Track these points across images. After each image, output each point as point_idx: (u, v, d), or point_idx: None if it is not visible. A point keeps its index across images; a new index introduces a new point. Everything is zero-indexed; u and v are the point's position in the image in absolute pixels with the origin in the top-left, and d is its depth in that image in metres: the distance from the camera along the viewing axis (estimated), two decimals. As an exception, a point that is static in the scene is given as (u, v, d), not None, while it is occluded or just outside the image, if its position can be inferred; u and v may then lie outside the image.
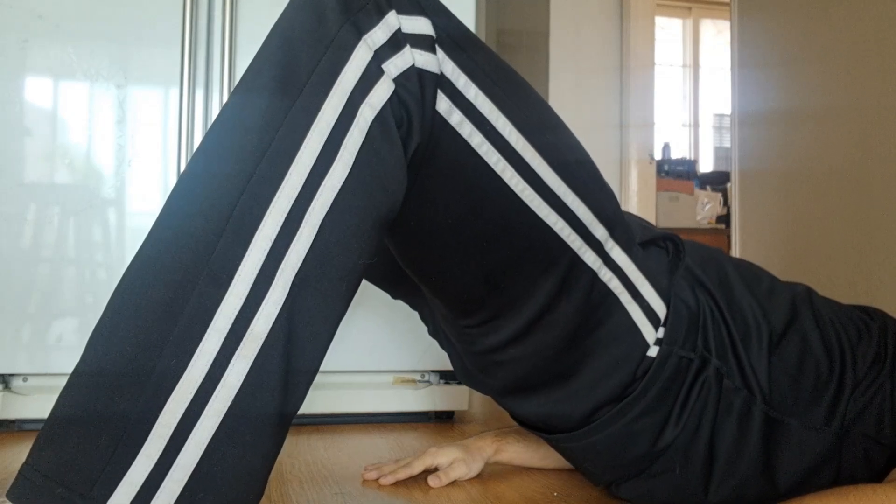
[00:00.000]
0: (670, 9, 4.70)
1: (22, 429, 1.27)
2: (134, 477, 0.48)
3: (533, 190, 0.66)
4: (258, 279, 0.51)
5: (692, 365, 0.74)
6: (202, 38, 1.34)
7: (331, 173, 0.53)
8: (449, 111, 0.60)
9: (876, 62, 1.54)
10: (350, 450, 1.17)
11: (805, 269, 1.75)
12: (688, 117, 4.81)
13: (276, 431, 0.53)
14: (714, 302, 0.78)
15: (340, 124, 0.54)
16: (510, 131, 0.64)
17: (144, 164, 1.32)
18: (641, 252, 0.75)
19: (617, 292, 0.73)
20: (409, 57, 0.57)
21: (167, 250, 0.52)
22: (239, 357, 0.50)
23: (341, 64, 0.54)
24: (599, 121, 2.58)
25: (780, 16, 1.91)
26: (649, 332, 0.74)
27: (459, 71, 0.61)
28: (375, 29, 0.56)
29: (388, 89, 0.56)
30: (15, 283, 1.26)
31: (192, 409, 0.49)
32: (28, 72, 1.28)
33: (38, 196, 1.28)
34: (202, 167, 0.55)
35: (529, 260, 0.68)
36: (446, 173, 0.62)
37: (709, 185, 3.96)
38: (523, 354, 0.74)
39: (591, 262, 0.70)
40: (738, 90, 2.12)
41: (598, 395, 0.75)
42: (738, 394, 0.75)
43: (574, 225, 0.69)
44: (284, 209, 0.52)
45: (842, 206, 1.63)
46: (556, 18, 2.54)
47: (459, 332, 0.77)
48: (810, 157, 1.76)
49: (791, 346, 0.77)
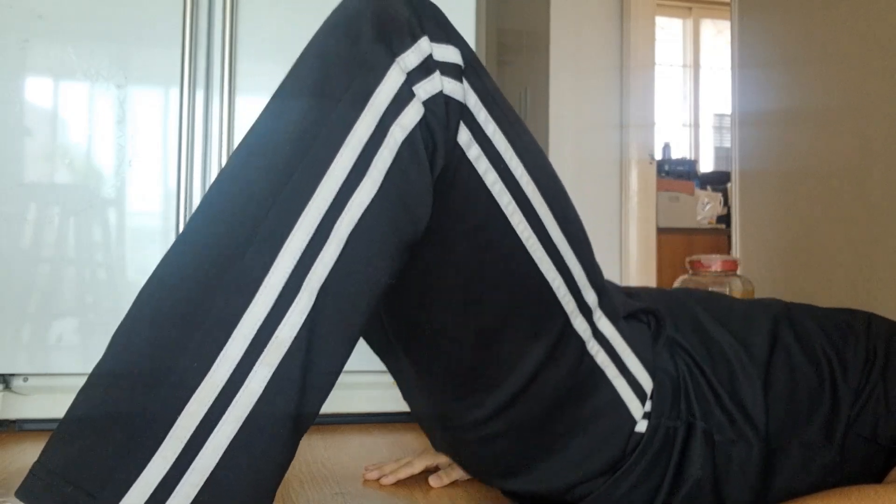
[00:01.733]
0: (670, 9, 4.70)
1: (22, 429, 1.27)
2: (148, 478, 0.48)
3: (537, 239, 0.65)
4: (285, 288, 0.51)
5: (678, 433, 0.73)
6: (202, 38, 1.34)
7: (360, 190, 0.54)
8: (469, 144, 0.60)
9: (876, 62, 1.54)
10: (350, 450, 1.17)
11: (805, 269, 1.75)
12: (688, 117, 4.81)
13: (291, 441, 0.53)
14: (693, 360, 0.76)
15: (372, 143, 0.54)
16: (521, 174, 0.64)
17: (144, 164, 1.32)
18: (626, 325, 0.74)
19: (603, 366, 0.71)
20: (438, 83, 0.57)
21: (196, 254, 0.52)
22: (262, 364, 0.50)
23: (375, 84, 0.55)
24: (599, 121, 2.58)
25: (780, 16, 1.91)
26: (636, 408, 0.72)
27: (481, 105, 0.61)
28: (408, 52, 0.56)
29: (418, 112, 0.56)
30: (15, 283, 1.26)
31: (212, 412, 0.49)
32: (28, 72, 1.28)
33: (38, 196, 1.28)
34: (235, 175, 0.55)
35: (524, 320, 0.67)
36: (458, 208, 0.62)
37: (709, 185, 3.96)
38: (502, 430, 0.72)
39: (581, 330, 0.69)
40: (738, 90, 2.12)
41: (586, 471, 0.73)
42: (734, 445, 0.73)
43: (570, 285, 0.68)
44: (314, 221, 0.52)
45: (842, 206, 1.63)
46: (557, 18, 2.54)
47: (440, 409, 0.75)
48: (810, 157, 1.76)
49: (779, 368, 0.76)
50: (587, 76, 2.57)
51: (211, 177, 1.36)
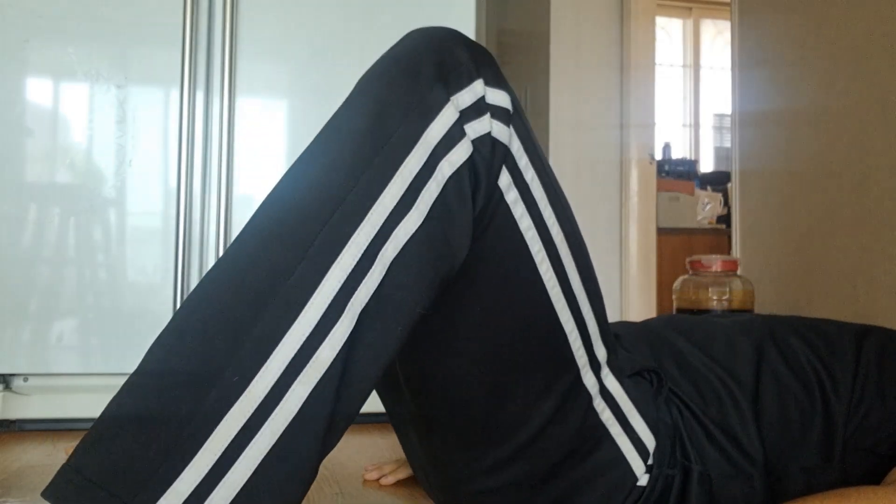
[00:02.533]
0: (670, 9, 4.70)
1: (22, 429, 1.27)
2: (181, 488, 0.48)
3: (560, 290, 0.66)
4: (329, 309, 0.52)
5: (675, 481, 0.73)
6: (202, 38, 1.34)
7: (406, 220, 0.55)
8: (508, 187, 0.62)
9: (876, 62, 1.54)
10: (350, 450, 1.17)
11: (805, 269, 1.75)
12: (688, 117, 4.81)
13: (317, 460, 0.54)
14: (683, 402, 0.76)
15: (421, 176, 0.56)
16: (553, 223, 0.65)
17: (144, 164, 1.32)
18: (631, 384, 0.74)
19: (608, 424, 0.71)
20: (487, 124, 0.59)
21: (246, 268, 0.53)
22: (301, 382, 0.51)
23: (429, 119, 0.57)
24: (599, 121, 2.58)
25: (780, 16, 1.91)
26: (638, 466, 0.72)
27: (523, 151, 0.63)
28: (463, 92, 0.59)
29: (466, 150, 0.58)
30: (15, 283, 1.26)
31: (250, 426, 0.49)
32: (28, 72, 1.28)
33: (38, 196, 1.28)
34: (289, 194, 0.57)
35: (538, 369, 0.67)
36: (492, 250, 0.63)
37: (709, 186, 3.96)
38: (504, 484, 0.71)
39: (589, 386, 0.69)
40: (738, 90, 2.12)
41: None
42: (734, 480, 0.73)
43: (584, 339, 0.68)
44: (363, 245, 0.53)
45: (842, 206, 1.63)
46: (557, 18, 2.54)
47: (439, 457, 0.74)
48: (810, 157, 1.76)
49: (768, 392, 0.76)
50: (587, 76, 2.57)
51: (211, 177, 1.36)
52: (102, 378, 1.29)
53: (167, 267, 1.33)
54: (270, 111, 1.41)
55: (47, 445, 1.15)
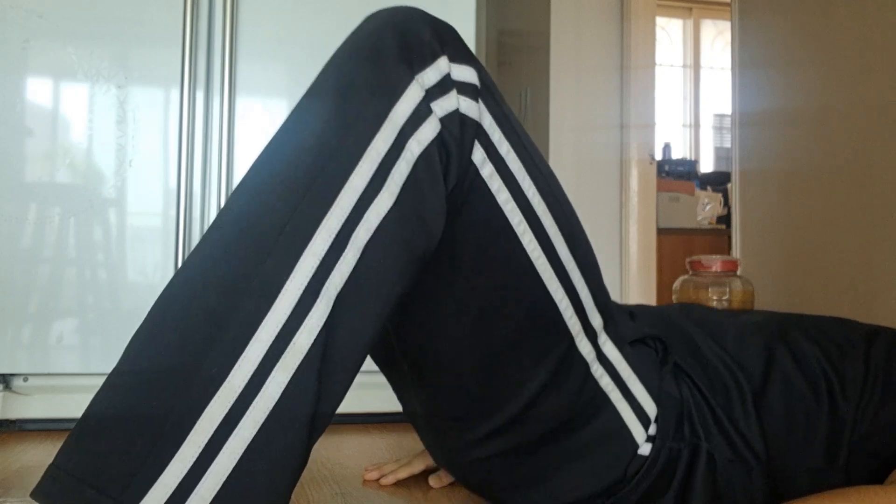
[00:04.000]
0: (670, 9, 4.70)
1: (22, 429, 1.27)
2: (167, 481, 0.48)
3: (546, 259, 0.66)
4: (304, 294, 0.52)
5: (682, 455, 0.73)
6: (202, 38, 1.34)
7: (377, 201, 0.55)
8: (482, 162, 0.62)
9: (877, 62, 1.54)
10: (350, 450, 1.17)
11: (805, 269, 1.75)
12: (688, 117, 4.81)
13: (305, 447, 0.54)
14: (691, 380, 0.76)
15: (390, 156, 0.56)
16: (533, 194, 0.65)
17: (145, 164, 1.32)
18: (632, 351, 0.74)
19: (607, 390, 0.71)
20: (454, 101, 0.59)
21: (218, 259, 0.53)
22: (280, 369, 0.51)
23: (395, 99, 0.57)
24: (599, 121, 2.58)
25: (780, 16, 1.91)
26: (639, 433, 0.72)
27: (495, 125, 0.63)
28: (428, 70, 0.58)
29: (434, 128, 0.58)
30: (15, 283, 1.26)
31: (230, 417, 0.49)
32: (28, 72, 1.28)
33: (38, 196, 1.28)
34: (258, 182, 0.57)
35: (530, 339, 0.67)
36: (470, 226, 0.63)
37: (709, 186, 3.96)
38: (503, 450, 0.72)
39: (585, 353, 0.69)
40: (738, 90, 2.12)
41: (584, 493, 0.73)
42: (735, 466, 0.73)
43: (576, 306, 0.68)
44: (333, 230, 0.53)
45: (842, 206, 1.63)
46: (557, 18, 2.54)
47: (437, 425, 0.75)
48: (810, 157, 1.76)
49: (774, 392, 0.75)
50: (587, 76, 2.57)
51: (211, 177, 1.36)
52: (102, 378, 1.28)
53: (167, 267, 1.33)
54: (270, 111, 1.41)
55: (47, 445, 1.15)
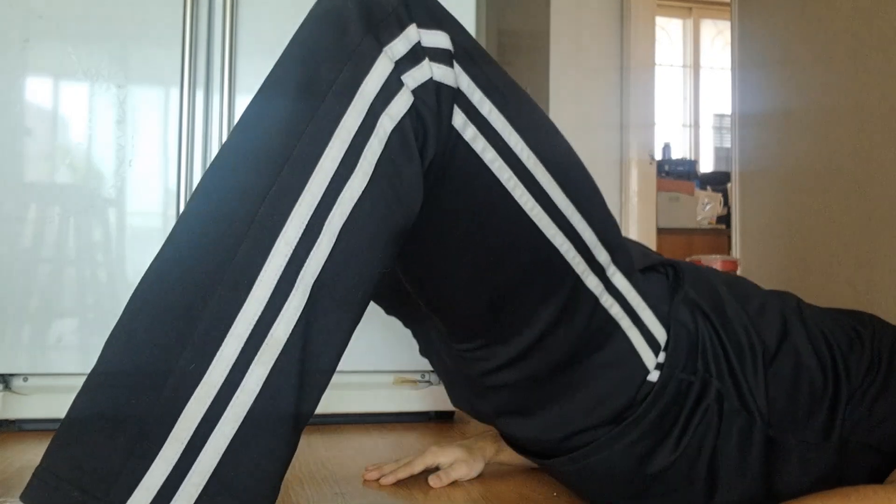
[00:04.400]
0: (670, 9, 4.70)
1: (22, 429, 1.27)
2: (151, 481, 0.48)
3: (542, 209, 0.66)
4: (279, 285, 0.51)
5: (693, 387, 0.74)
6: (202, 38, 1.34)
7: (350, 182, 0.54)
8: (464, 126, 0.61)
9: (876, 62, 1.54)
10: (350, 450, 1.17)
11: (805, 269, 1.75)
12: (688, 117, 4.81)
13: (291, 437, 0.53)
14: (711, 324, 0.77)
15: (361, 134, 0.54)
16: (522, 148, 0.65)
17: (144, 164, 1.32)
18: (642, 278, 0.75)
19: (618, 318, 0.72)
20: (427, 70, 0.57)
21: (188, 254, 0.52)
22: (258, 363, 0.50)
23: (363, 74, 0.55)
24: (599, 121, 2.58)
25: (780, 16, 1.91)
26: (649, 358, 0.73)
27: (475, 86, 0.62)
28: (396, 41, 0.56)
29: (407, 101, 0.56)
30: (15, 283, 1.26)
31: (211, 413, 0.49)
32: (28, 72, 1.28)
33: (38, 196, 1.28)
34: (224, 173, 0.55)
35: (534, 281, 0.68)
36: (458, 189, 0.62)
37: (709, 186, 3.96)
38: (518, 378, 0.73)
39: (593, 287, 0.70)
40: (738, 90, 2.12)
41: (596, 417, 0.74)
42: (738, 415, 0.74)
43: (579, 247, 0.68)
44: (305, 216, 0.52)
45: (842, 206, 1.63)
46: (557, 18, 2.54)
47: (456, 353, 0.76)
48: (810, 157, 1.76)
49: (785, 362, 0.77)
50: (587, 76, 2.57)
51: (211, 177, 1.36)
52: (102, 378, 1.28)
53: (167, 267, 1.33)
54: (270, 111, 1.40)
55: (47, 445, 1.14)
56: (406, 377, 1.41)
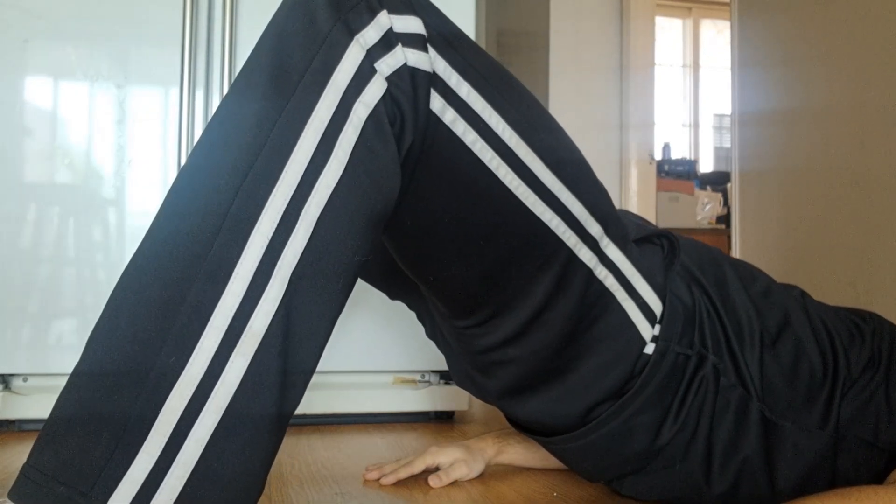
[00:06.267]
0: (670, 9, 4.69)
1: (22, 429, 1.27)
2: (135, 474, 0.49)
3: (527, 187, 0.66)
4: (255, 276, 0.51)
5: (689, 361, 0.75)
6: (202, 38, 1.34)
7: (326, 171, 0.54)
8: (442, 109, 0.61)
9: (877, 62, 1.54)
10: (350, 450, 1.17)
11: (805, 269, 1.75)
12: (688, 117, 4.81)
13: (275, 429, 0.54)
14: (709, 299, 0.78)
15: (335, 122, 0.54)
16: (503, 128, 0.65)
17: (144, 164, 1.32)
18: (636, 249, 0.75)
19: (613, 290, 0.73)
20: (400, 56, 0.57)
21: (164, 249, 0.52)
22: (238, 354, 0.51)
23: (334, 63, 0.55)
24: (599, 121, 2.58)
25: (780, 16, 1.91)
26: (646, 329, 0.74)
27: (451, 69, 0.61)
28: (367, 28, 0.56)
29: (380, 88, 0.56)
30: (15, 283, 1.26)
31: (192, 406, 0.50)
32: (28, 72, 1.28)
33: (38, 196, 1.28)
34: (198, 166, 0.55)
35: (526, 257, 0.68)
36: (441, 172, 0.63)
37: (709, 186, 3.96)
38: (520, 354, 0.74)
39: (586, 259, 0.71)
40: (738, 90, 2.12)
41: (596, 392, 0.75)
42: (734, 391, 0.75)
43: (569, 222, 0.69)
44: (280, 207, 0.52)
45: (842, 206, 1.63)
46: (556, 18, 2.54)
47: (457, 332, 0.77)
48: (810, 157, 1.76)
49: (786, 348, 0.77)
50: (587, 76, 2.57)
51: (211, 177, 1.36)
52: (102, 378, 1.28)
53: (167, 267, 1.33)
54: (270, 111, 1.40)
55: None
56: (406, 377, 1.41)
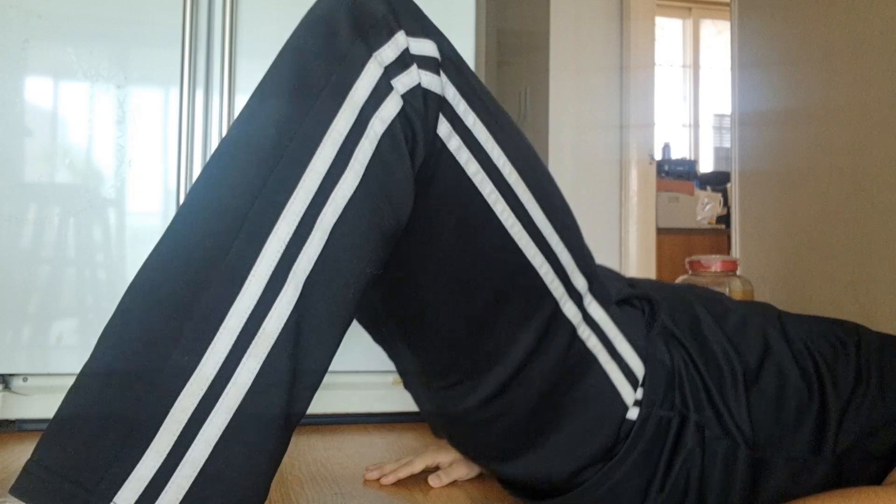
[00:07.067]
0: (670, 9, 4.70)
1: (22, 429, 1.27)
2: (142, 472, 0.48)
3: (522, 226, 0.66)
4: (271, 279, 0.52)
5: (672, 423, 0.73)
6: (202, 38, 1.34)
7: (342, 182, 0.55)
8: (448, 135, 0.61)
9: (876, 62, 1.55)
10: (350, 450, 1.17)
11: (805, 270, 1.75)
12: (688, 117, 4.81)
13: (283, 432, 0.54)
14: (687, 353, 0.76)
15: (352, 135, 0.55)
16: (504, 163, 0.65)
17: (144, 164, 1.32)
18: (618, 311, 0.74)
19: (595, 351, 0.72)
20: (415, 76, 0.58)
21: (182, 249, 0.53)
22: (250, 356, 0.51)
23: (353, 78, 0.56)
24: (599, 121, 2.58)
25: (780, 16, 1.91)
26: (628, 394, 0.73)
27: (460, 97, 0.62)
28: (385, 47, 0.58)
29: (396, 105, 0.57)
30: (15, 283, 1.26)
31: (203, 406, 0.50)
32: (28, 72, 1.28)
33: (38, 196, 1.28)
34: (219, 170, 0.56)
35: (513, 304, 0.67)
36: (441, 200, 0.63)
37: (709, 186, 3.96)
38: (496, 415, 0.72)
39: (571, 315, 0.70)
40: (738, 90, 2.12)
41: (579, 457, 0.73)
42: (720, 442, 0.73)
43: (557, 270, 0.68)
44: (298, 213, 0.53)
45: (842, 206, 1.63)
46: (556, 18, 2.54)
47: (433, 393, 0.76)
48: (810, 157, 1.76)
49: (767, 379, 0.76)
50: (587, 76, 2.57)
51: (211, 177, 1.36)
52: (102, 378, 1.28)
53: (167, 267, 1.33)
54: (270, 111, 1.40)
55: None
56: (406, 377, 1.42)
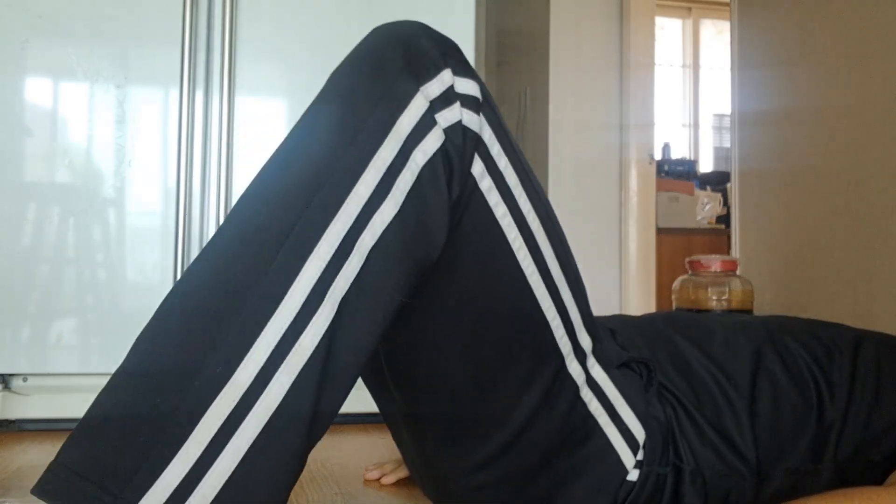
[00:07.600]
0: (670, 9, 4.69)
1: (22, 429, 1.27)
2: (168, 479, 0.48)
3: (540, 276, 0.66)
4: (310, 297, 0.53)
5: (667, 479, 0.73)
6: (202, 38, 1.34)
7: (382, 209, 0.56)
8: (482, 175, 0.62)
9: (876, 62, 1.55)
10: (350, 450, 1.17)
11: (805, 269, 1.75)
12: (688, 117, 4.81)
13: (305, 448, 0.54)
14: (677, 400, 0.76)
15: (394, 166, 0.57)
16: (528, 210, 0.66)
17: (144, 164, 1.32)
18: (619, 374, 0.74)
19: (596, 415, 0.71)
20: (458, 112, 0.60)
21: (225, 262, 0.54)
22: (284, 370, 0.51)
23: (400, 111, 0.58)
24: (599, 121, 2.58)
25: (780, 16, 1.91)
26: (628, 458, 0.72)
27: (495, 139, 0.64)
28: (432, 82, 0.59)
29: (438, 139, 0.59)
30: (15, 283, 1.26)
31: (234, 416, 0.50)
32: (28, 72, 1.28)
33: (38, 196, 1.28)
34: (265, 189, 0.58)
35: (522, 359, 0.67)
36: (468, 237, 0.63)
37: (709, 186, 3.96)
38: (495, 479, 0.71)
39: (575, 375, 0.69)
40: (738, 90, 2.12)
41: None
42: (727, 479, 0.73)
43: (567, 326, 0.68)
44: (339, 235, 0.54)
45: (842, 205, 1.63)
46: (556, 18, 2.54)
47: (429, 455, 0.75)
48: (810, 157, 1.76)
49: (762, 395, 0.75)
50: (587, 76, 2.57)
51: (211, 176, 1.36)
52: (102, 378, 1.27)
53: (167, 267, 1.33)
54: (270, 111, 1.40)
55: (47, 445, 1.15)
56: (406, 377, 1.41)
